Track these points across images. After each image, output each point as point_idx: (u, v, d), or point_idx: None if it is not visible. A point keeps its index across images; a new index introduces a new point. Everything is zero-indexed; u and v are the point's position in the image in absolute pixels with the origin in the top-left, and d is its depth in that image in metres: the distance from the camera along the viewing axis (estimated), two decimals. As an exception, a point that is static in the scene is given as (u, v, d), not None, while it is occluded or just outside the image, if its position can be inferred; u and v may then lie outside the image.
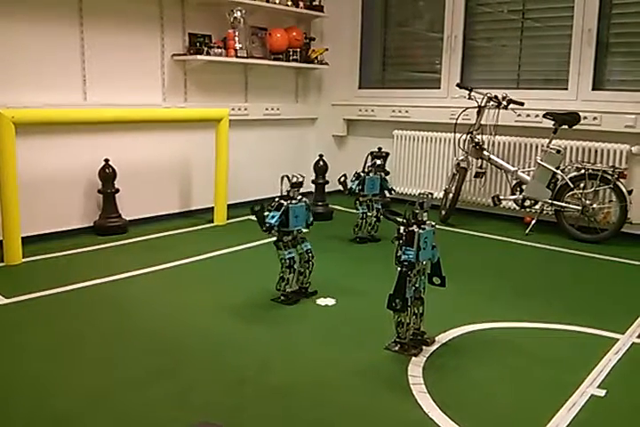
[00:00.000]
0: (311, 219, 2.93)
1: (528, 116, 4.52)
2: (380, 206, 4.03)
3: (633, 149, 4.12)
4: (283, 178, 2.84)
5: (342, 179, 3.94)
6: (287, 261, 2.82)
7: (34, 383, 2.06)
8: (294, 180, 2.83)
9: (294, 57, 5.10)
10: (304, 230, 2.91)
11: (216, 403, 1.96)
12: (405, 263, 2.24)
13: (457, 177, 4.57)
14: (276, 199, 2.81)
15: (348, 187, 3.91)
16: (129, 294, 2.96)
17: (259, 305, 2.84)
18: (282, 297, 2.87)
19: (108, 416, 1.86)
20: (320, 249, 3.86)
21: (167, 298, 2.92)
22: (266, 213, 2.74)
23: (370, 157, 3.99)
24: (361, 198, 3.96)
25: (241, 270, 3.38)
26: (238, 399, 1.98)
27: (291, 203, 2.79)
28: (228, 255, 3.68)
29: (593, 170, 4.03)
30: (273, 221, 2.73)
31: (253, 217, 2.78)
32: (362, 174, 3.92)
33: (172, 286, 3.10)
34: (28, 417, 1.86)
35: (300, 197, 2.85)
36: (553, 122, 4.21)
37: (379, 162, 3.98)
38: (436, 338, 2.48)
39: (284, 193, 2.82)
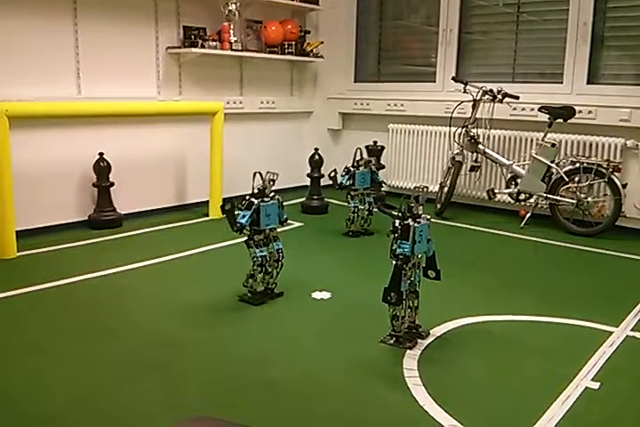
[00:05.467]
0: (285, 216, 2.86)
1: (523, 109, 4.53)
2: (371, 200, 4.03)
3: (627, 142, 4.13)
4: (255, 175, 2.76)
5: (332, 174, 3.94)
6: (259, 259, 2.74)
7: (26, 378, 2.06)
8: (268, 177, 2.75)
9: (289, 50, 5.08)
10: (279, 229, 2.86)
11: (211, 397, 1.96)
12: (400, 257, 2.24)
13: (452, 171, 4.58)
14: (247, 197, 2.72)
15: (338, 182, 3.91)
16: (124, 289, 2.96)
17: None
18: (249, 294, 2.80)
19: (100, 411, 1.86)
20: (314, 243, 3.88)
21: (162, 292, 2.92)
22: (237, 213, 2.67)
23: (359, 151, 3.97)
24: (352, 192, 3.96)
25: (236, 264, 3.37)
26: (233, 393, 1.98)
27: (262, 201, 2.71)
28: (223, 249, 3.68)
29: (588, 164, 4.04)
30: (244, 221, 2.66)
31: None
32: (352, 169, 3.92)
33: (166, 281, 3.10)
34: (19, 412, 1.85)
35: (272, 195, 2.78)
36: (548, 116, 4.21)
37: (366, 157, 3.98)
38: (431, 331, 2.48)
39: (256, 191, 2.74)
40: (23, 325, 2.51)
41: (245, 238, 2.76)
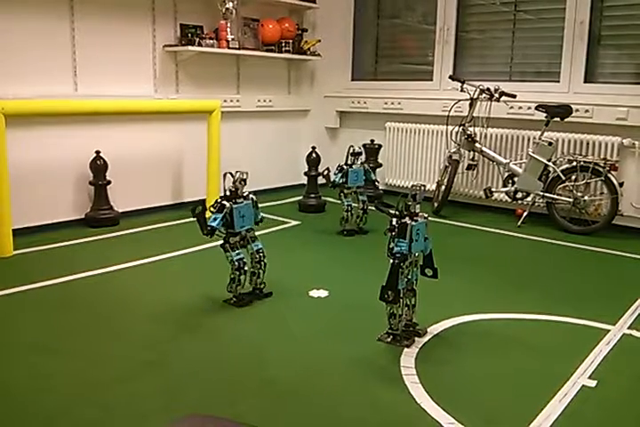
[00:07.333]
0: (260, 216, 2.80)
1: (520, 108, 4.53)
2: (365, 198, 4.02)
3: (624, 141, 4.13)
4: (225, 175, 2.70)
5: (325, 172, 3.94)
6: (236, 262, 2.68)
7: (24, 377, 2.06)
8: (237, 176, 2.69)
9: (286, 48, 5.07)
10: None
11: (209, 395, 1.96)
12: (398, 255, 2.24)
13: (449, 169, 4.58)
14: (218, 200, 2.65)
15: (331, 180, 3.90)
16: (120, 287, 2.96)
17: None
18: (234, 299, 2.75)
19: (99, 409, 1.86)
20: (311, 241, 3.88)
21: (159, 291, 2.92)
22: (208, 216, 2.60)
23: (351, 149, 3.96)
24: (345, 191, 3.95)
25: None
26: (231, 392, 1.98)
27: (235, 203, 2.65)
28: (219, 248, 3.67)
29: (584, 162, 4.05)
30: (215, 224, 2.59)
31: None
32: (345, 167, 3.91)
33: (163, 279, 3.10)
34: (18, 411, 1.85)
35: (245, 195, 2.72)
36: (545, 114, 4.22)
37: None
38: (428, 329, 2.49)
39: (228, 191, 2.68)
40: (20, 323, 2.50)
41: (221, 242, 2.70)
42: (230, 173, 2.72)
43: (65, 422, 1.79)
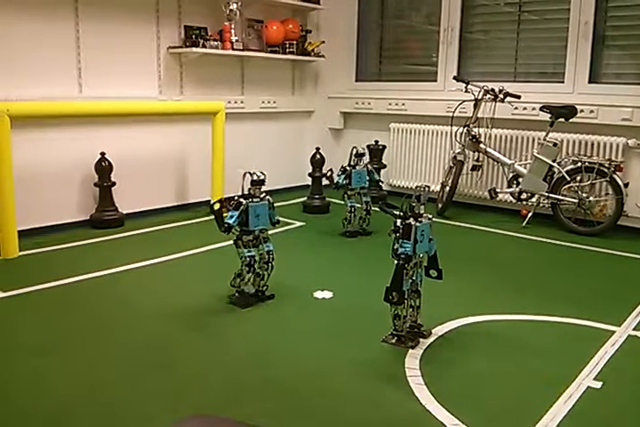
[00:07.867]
0: (277, 217, 2.81)
1: (525, 109, 4.52)
2: (368, 199, 4.01)
3: (629, 142, 4.12)
4: (245, 175, 2.73)
5: (329, 173, 3.93)
6: (247, 259, 2.70)
7: (29, 377, 2.06)
8: (255, 177, 2.71)
9: (290, 49, 5.08)
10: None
11: (213, 396, 1.96)
12: (402, 256, 2.24)
13: (454, 170, 4.57)
14: (236, 198, 2.68)
15: (335, 181, 3.90)
16: (125, 288, 2.96)
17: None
18: (236, 294, 2.76)
19: (102, 410, 1.86)
20: (315, 242, 3.88)
21: (164, 292, 2.92)
22: (225, 214, 2.61)
23: (355, 150, 3.96)
24: (349, 192, 3.95)
25: (238, 264, 3.37)
26: (236, 392, 1.98)
27: (251, 202, 2.67)
28: (225, 249, 3.67)
29: (589, 163, 4.04)
30: (232, 221, 2.61)
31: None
32: (348, 168, 3.91)
33: (168, 280, 3.10)
34: (23, 411, 1.86)
35: (262, 196, 2.73)
36: (549, 115, 4.21)
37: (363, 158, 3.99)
38: (433, 330, 2.48)
39: (246, 191, 2.70)
40: (25, 324, 2.51)
41: (230, 242, 2.71)
42: (249, 173, 2.74)
43: (68, 424, 1.79)
